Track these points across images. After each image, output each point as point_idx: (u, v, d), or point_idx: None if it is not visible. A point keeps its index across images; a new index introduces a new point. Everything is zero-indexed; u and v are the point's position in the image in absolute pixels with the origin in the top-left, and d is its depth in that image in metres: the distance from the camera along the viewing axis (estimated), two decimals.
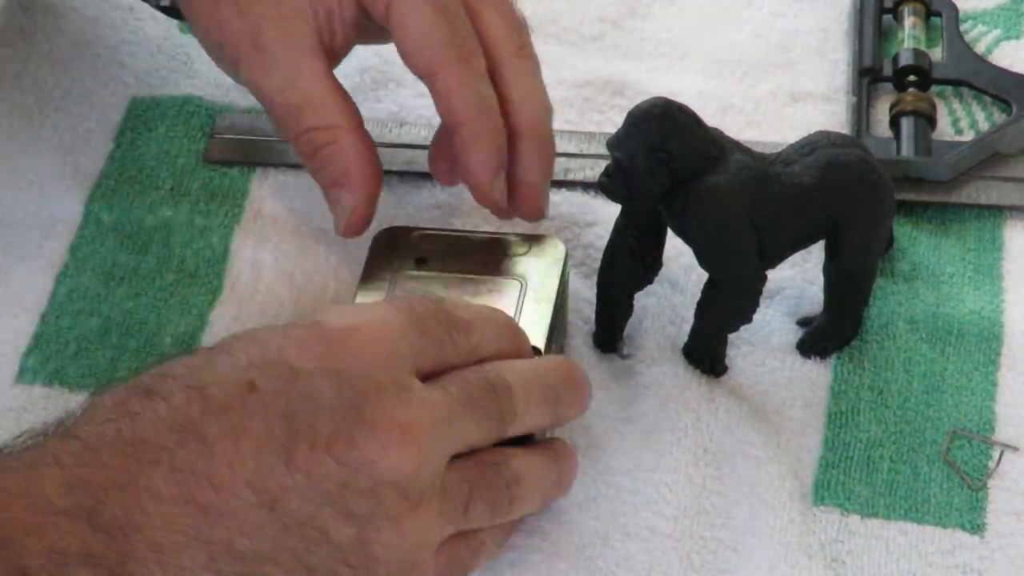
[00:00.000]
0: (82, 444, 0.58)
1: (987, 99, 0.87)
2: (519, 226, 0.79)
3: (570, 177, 0.82)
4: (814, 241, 0.74)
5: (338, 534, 0.59)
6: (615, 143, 0.71)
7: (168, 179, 0.83)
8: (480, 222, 0.80)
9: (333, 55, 0.74)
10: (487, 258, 0.74)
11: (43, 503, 0.56)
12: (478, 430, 0.63)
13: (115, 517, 0.57)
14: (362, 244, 0.76)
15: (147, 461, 0.58)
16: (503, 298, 0.72)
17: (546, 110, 0.74)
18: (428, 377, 0.63)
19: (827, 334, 0.76)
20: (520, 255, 0.74)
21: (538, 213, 0.75)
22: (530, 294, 0.72)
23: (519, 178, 0.74)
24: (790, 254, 0.74)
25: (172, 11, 0.85)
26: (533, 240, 0.75)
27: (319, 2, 0.72)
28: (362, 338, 0.61)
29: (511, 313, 0.71)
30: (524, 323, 0.71)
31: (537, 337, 0.71)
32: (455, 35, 0.71)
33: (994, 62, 0.88)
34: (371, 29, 0.74)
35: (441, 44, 0.70)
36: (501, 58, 0.72)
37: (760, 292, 0.73)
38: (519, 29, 0.73)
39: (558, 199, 0.81)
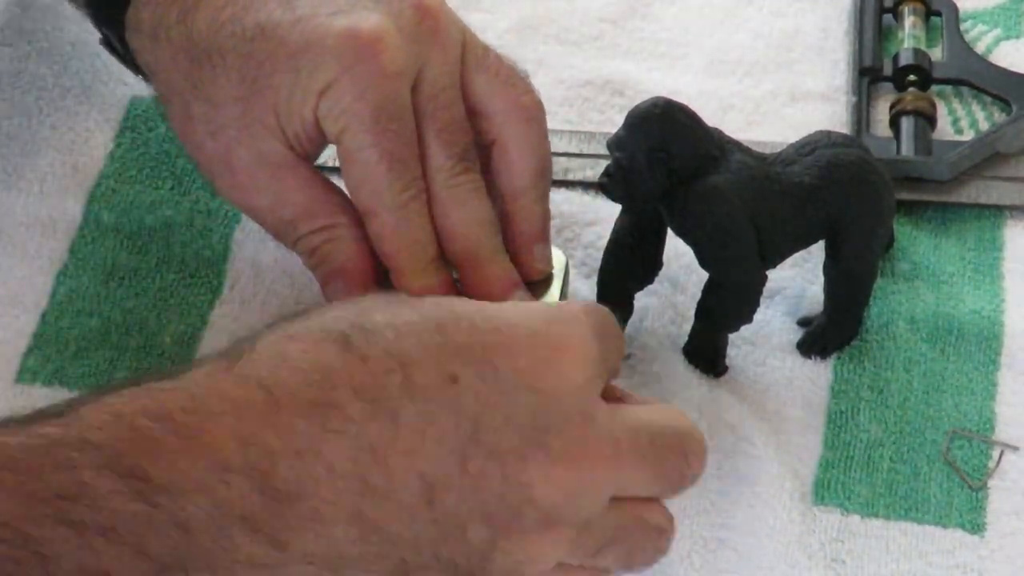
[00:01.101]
0: (265, 393, 0.57)
1: (987, 99, 0.87)
2: None
3: (570, 177, 0.82)
4: (814, 241, 0.74)
5: (474, 535, 0.59)
6: (615, 143, 0.71)
7: (168, 179, 0.83)
8: None
9: (310, 158, 0.72)
10: None
11: (216, 457, 0.55)
12: (649, 488, 0.62)
13: (286, 482, 0.56)
14: None
15: (331, 429, 0.56)
16: None
17: (483, 229, 0.71)
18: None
19: (827, 334, 0.76)
20: None
21: None
22: None
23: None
24: (790, 254, 0.74)
25: None
26: None
27: (285, 123, 0.70)
28: (568, 359, 0.60)
29: None
30: None
31: None
32: (396, 182, 0.69)
33: (994, 62, 0.88)
34: None
35: (380, 191, 0.69)
36: (437, 186, 0.70)
37: (760, 292, 0.73)
38: (460, 146, 0.71)
39: (559, 199, 0.81)
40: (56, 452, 0.54)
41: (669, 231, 0.73)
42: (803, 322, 0.77)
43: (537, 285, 0.72)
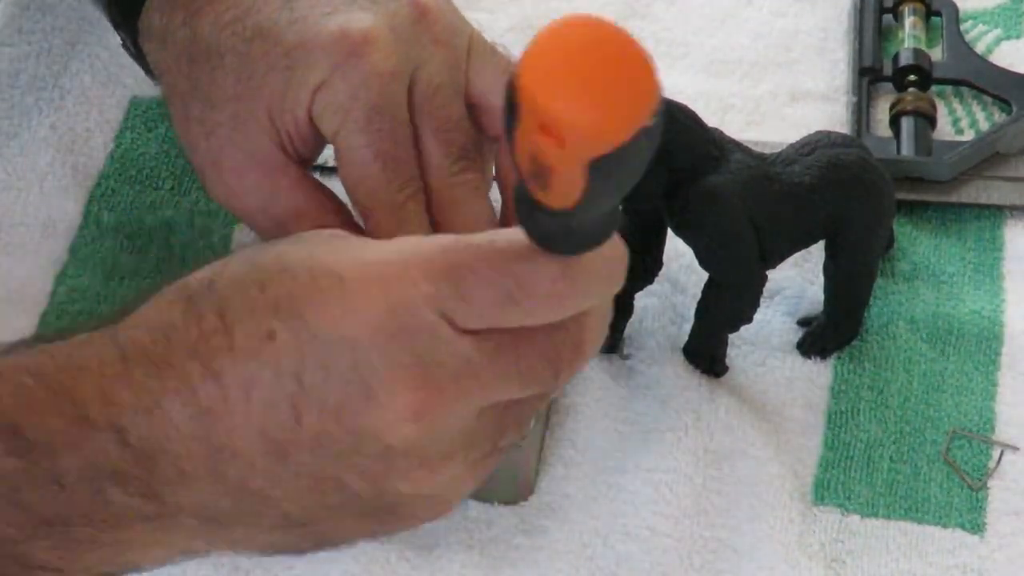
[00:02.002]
0: (120, 352, 0.57)
1: (987, 99, 0.87)
2: None
3: None
4: (814, 241, 0.74)
5: (355, 485, 0.58)
6: None
7: (168, 179, 0.83)
8: None
9: (303, 161, 0.72)
10: None
11: (81, 413, 0.56)
12: (525, 387, 0.59)
13: (142, 439, 0.57)
14: None
15: (172, 389, 0.57)
16: None
17: (482, 229, 0.68)
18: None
19: (827, 334, 0.76)
20: None
21: None
22: None
23: None
24: (790, 254, 0.74)
25: None
26: None
27: (278, 123, 0.70)
28: (387, 303, 0.57)
29: None
30: None
31: None
32: (391, 182, 0.69)
33: (994, 62, 0.88)
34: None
35: (376, 190, 0.69)
36: (434, 186, 0.70)
37: (760, 292, 0.73)
38: (457, 144, 0.71)
39: None
40: None
41: (669, 231, 0.73)
42: (803, 322, 0.77)
43: None
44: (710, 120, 0.72)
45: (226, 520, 0.59)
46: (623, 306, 0.75)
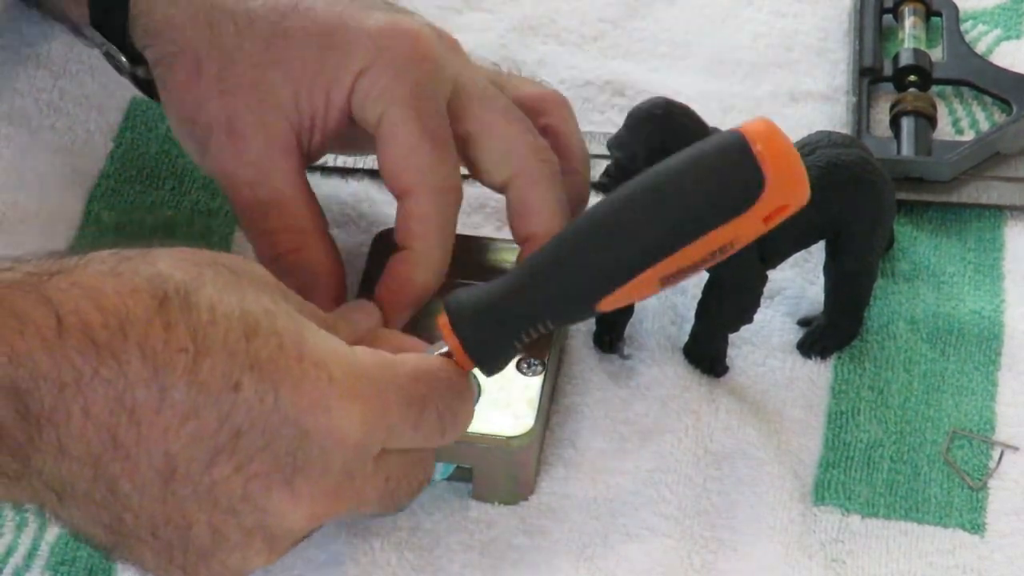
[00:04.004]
0: (56, 320, 0.57)
1: (987, 99, 0.87)
2: None
3: None
4: (814, 241, 0.74)
5: (197, 535, 0.60)
6: (615, 143, 0.71)
7: (168, 179, 0.83)
8: (480, 222, 0.80)
9: (307, 156, 0.72)
10: (487, 262, 0.75)
11: None
12: (380, 509, 0.65)
13: (43, 407, 0.57)
14: (362, 245, 0.76)
15: (102, 376, 0.58)
16: None
17: (557, 222, 0.72)
18: None
19: (827, 334, 0.76)
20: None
21: None
22: None
23: None
24: (790, 254, 0.74)
25: (146, 85, 0.79)
26: None
27: (304, 102, 0.70)
28: (352, 417, 0.60)
29: None
30: None
31: (540, 348, 0.71)
32: (443, 163, 0.70)
33: (994, 62, 0.88)
34: (351, 141, 0.73)
35: (423, 169, 0.69)
36: (513, 174, 0.72)
37: (761, 292, 0.73)
38: (524, 122, 0.73)
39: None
40: None
41: None
42: (803, 322, 0.77)
43: None
44: (710, 120, 0.72)
45: (71, 499, 0.59)
46: (623, 306, 0.75)
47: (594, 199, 0.81)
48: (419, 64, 0.69)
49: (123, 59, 0.77)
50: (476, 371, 0.70)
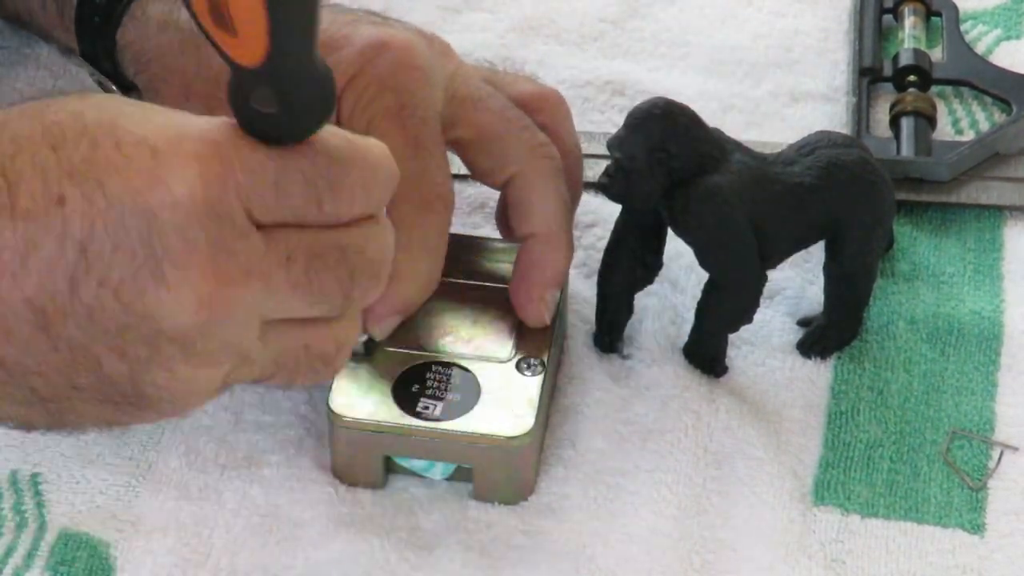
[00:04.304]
0: None
1: (987, 99, 0.87)
2: None
3: None
4: (814, 241, 0.74)
5: (110, 368, 0.57)
6: (615, 143, 0.71)
7: None
8: (480, 222, 0.80)
9: None
10: (487, 263, 0.75)
11: None
12: (306, 308, 0.59)
13: None
14: None
15: None
16: (506, 305, 0.72)
17: (558, 219, 0.72)
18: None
19: (827, 334, 0.76)
20: None
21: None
22: None
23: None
24: (790, 254, 0.74)
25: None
26: None
27: None
28: (189, 176, 0.55)
29: (513, 322, 0.72)
30: (526, 332, 0.72)
31: (540, 348, 0.71)
32: (420, 175, 0.69)
33: (994, 62, 0.88)
34: None
35: (404, 179, 0.63)
36: (514, 171, 0.72)
37: (760, 292, 0.73)
38: (524, 120, 0.73)
39: None
40: None
41: (669, 231, 0.73)
42: (803, 322, 0.77)
43: None
44: (710, 120, 0.72)
45: None
46: (623, 306, 0.75)
47: (594, 199, 0.81)
48: (407, 73, 0.68)
49: (113, 88, 0.77)
50: (477, 372, 0.70)
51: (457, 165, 0.83)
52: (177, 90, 0.72)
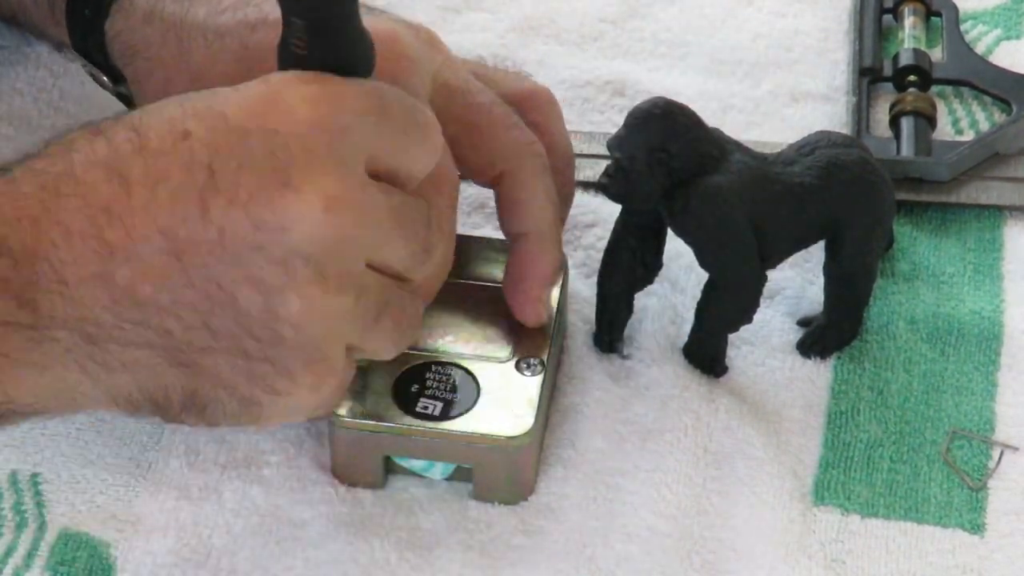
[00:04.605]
0: (11, 176, 0.59)
1: (987, 99, 0.87)
2: None
3: None
4: (814, 241, 0.74)
5: (245, 300, 0.58)
6: (615, 143, 0.71)
7: None
8: (480, 222, 0.80)
9: None
10: (487, 263, 0.75)
11: None
12: (400, 250, 0.62)
13: (24, 246, 0.57)
14: None
15: (64, 194, 0.58)
16: (504, 305, 0.72)
17: (547, 218, 0.72)
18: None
19: (827, 334, 0.76)
20: None
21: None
22: None
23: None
24: (790, 254, 0.74)
25: (130, 102, 0.80)
26: None
27: None
28: (309, 102, 0.59)
29: (513, 322, 0.72)
30: (526, 332, 0.72)
31: (540, 347, 0.71)
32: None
33: (994, 62, 0.88)
34: None
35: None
36: (504, 168, 0.72)
37: (760, 292, 0.73)
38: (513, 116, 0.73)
39: None
40: None
41: (669, 231, 0.73)
42: (803, 322, 0.77)
43: None
44: (710, 120, 0.72)
45: (102, 337, 0.58)
46: (623, 306, 0.75)
47: (594, 199, 0.81)
48: (394, 63, 0.68)
49: (105, 79, 0.77)
50: (476, 372, 0.70)
51: None
52: (158, 84, 0.72)
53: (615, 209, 0.74)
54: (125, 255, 0.58)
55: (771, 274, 0.73)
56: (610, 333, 0.75)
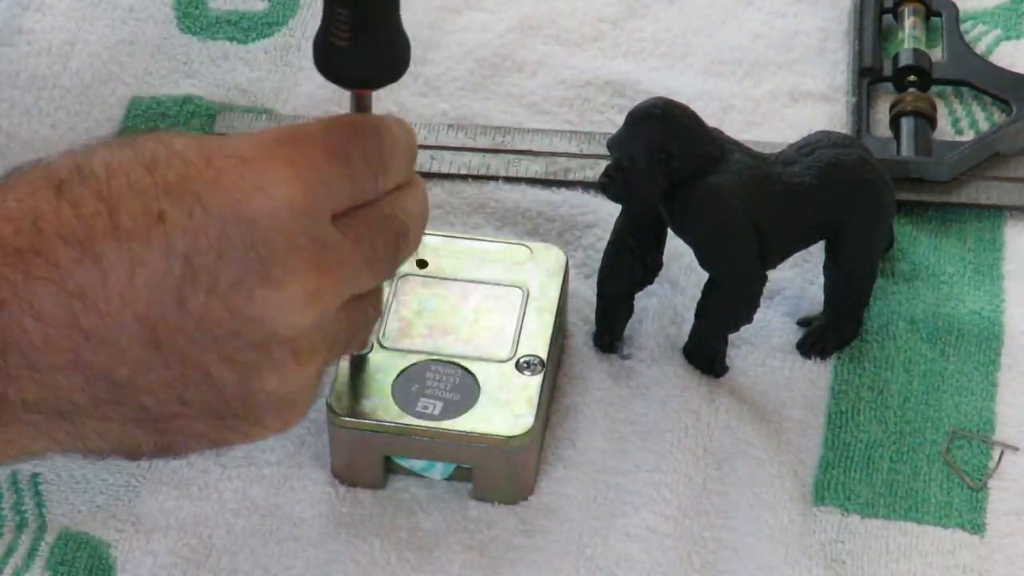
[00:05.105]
0: None
1: (987, 99, 0.87)
2: (520, 231, 0.79)
3: (570, 177, 0.82)
4: (814, 241, 0.74)
5: (220, 377, 0.58)
6: (615, 143, 0.71)
7: None
8: (480, 222, 0.80)
9: None
10: (488, 263, 0.75)
11: None
12: (372, 280, 0.63)
13: None
14: None
15: (37, 276, 0.56)
16: (505, 305, 0.72)
17: None
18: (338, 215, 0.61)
19: (827, 334, 0.76)
20: (521, 262, 0.74)
21: None
22: (532, 303, 0.73)
23: None
24: (790, 254, 0.74)
25: None
26: (534, 248, 0.75)
27: None
28: (284, 182, 0.58)
29: (513, 322, 0.72)
30: (526, 332, 0.72)
31: (540, 347, 0.71)
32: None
33: (994, 62, 0.88)
34: None
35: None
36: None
37: (760, 292, 0.73)
38: None
39: (558, 200, 0.81)
40: None
41: (669, 231, 0.73)
42: (803, 322, 0.77)
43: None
44: (710, 120, 0.72)
45: (77, 415, 0.58)
46: (623, 306, 0.75)
47: (594, 199, 0.81)
48: None
49: None
50: (476, 372, 0.70)
51: (456, 166, 0.84)
52: None
53: (615, 209, 0.74)
54: (101, 340, 0.57)
55: (771, 274, 0.73)
56: (610, 333, 0.76)
